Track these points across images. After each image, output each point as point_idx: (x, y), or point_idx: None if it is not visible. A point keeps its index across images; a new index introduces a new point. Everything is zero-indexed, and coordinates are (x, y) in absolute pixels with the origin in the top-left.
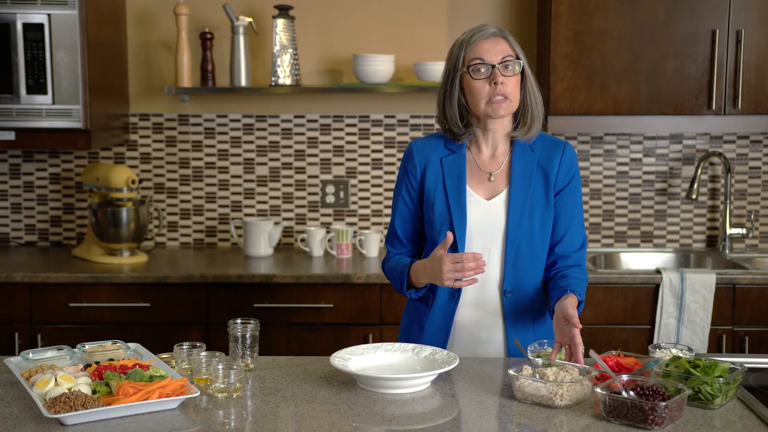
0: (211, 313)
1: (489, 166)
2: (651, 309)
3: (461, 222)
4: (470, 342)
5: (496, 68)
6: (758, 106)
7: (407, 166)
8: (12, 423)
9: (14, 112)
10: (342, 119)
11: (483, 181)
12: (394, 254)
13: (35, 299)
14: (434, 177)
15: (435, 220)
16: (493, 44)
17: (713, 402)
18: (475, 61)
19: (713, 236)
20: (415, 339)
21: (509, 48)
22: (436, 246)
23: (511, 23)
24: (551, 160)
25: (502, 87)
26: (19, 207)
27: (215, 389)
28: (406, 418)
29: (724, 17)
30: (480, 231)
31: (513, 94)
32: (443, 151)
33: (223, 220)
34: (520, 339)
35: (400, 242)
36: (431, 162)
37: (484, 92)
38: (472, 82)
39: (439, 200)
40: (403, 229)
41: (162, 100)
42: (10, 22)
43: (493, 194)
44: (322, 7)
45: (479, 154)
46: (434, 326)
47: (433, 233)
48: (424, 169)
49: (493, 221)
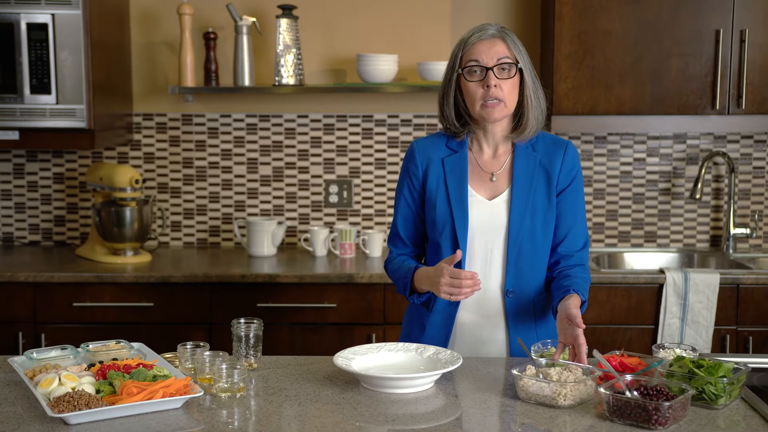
0: (215, 312)
1: (491, 166)
2: (654, 309)
3: (463, 222)
4: (472, 342)
5: (491, 71)
6: (762, 106)
7: (409, 166)
8: (16, 422)
9: (18, 111)
10: (345, 119)
11: (485, 181)
12: (397, 255)
13: (39, 299)
14: (436, 177)
15: (437, 220)
16: (490, 46)
17: (717, 402)
18: (470, 62)
19: (717, 236)
20: (417, 339)
21: (507, 50)
22: (438, 247)
23: (514, 23)
24: (553, 160)
25: (495, 90)
26: (23, 207)
27: (219, 389)
28: (410, 417)
29: (728, 17)
30: (482, 231)
31: (508, 97)
32: (445, 150)
33: (226, 219)
34: (523, 339)
35: (402, 243)
36: (433, 162)
37: (478, 94)
38: (467, 83)
39: (440, 200)
40: (405, 229)
41: (165, 99)
42: (14, 22)
43: (494, 194)
44: (326, 6)
45: (481, 154)
46: (435, 327)
47: (435, 234)
48: (426, 169)
49: (494, 221)
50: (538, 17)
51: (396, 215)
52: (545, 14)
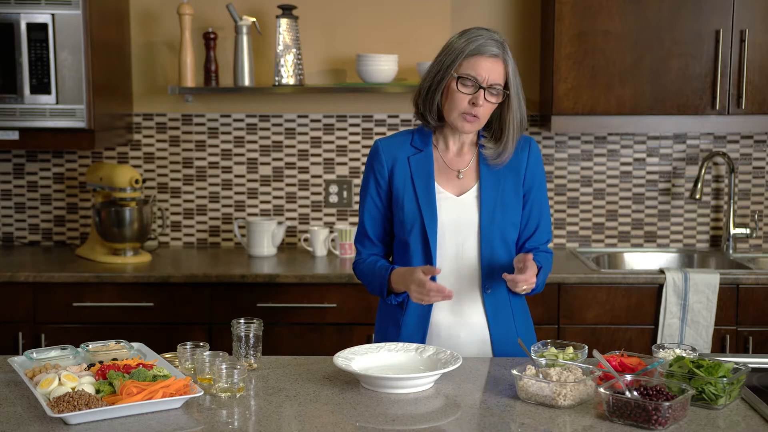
0: (215, 312)
1: (456, 164)
2: (654, 309)
3: (432, 219)
4: (450, 343)
5: (483, 90)
6: (762, 106)
7: (374, 165)
8: (16, 422)
9: (18, 111)
10: (345, 119)
11: (452, 179)
12: (367, 255)
13: (39, 299)
14: (402, 176)
15: (405, 219)
16: (491, 66)
17: (717, 402)
18: (467, 75)
19: (717, 236)
20: (393, 339)
21: (502, 75)
22: (407, 246)
23: (514, 23)
24: (519, 157)
25: (478, 109)
26: (23, 207)
27: (219, 389)
28: (410, 417)
29: (728, 17)
30: (452, 228)
31: (485, 115)
32: (410, 149)
33: (226, 219)
34: (503, 336)
35: (371, 242)
36: (398, 161)
37: (461, 106)
38: (455, 91)
39: (408, 199)
40: (373, 229)
41: (165, 99)
42: (14, 22)
43: (462, 191)
44: (326, 6)
45: (446, 152)
46: (410, 327)
47: (403, 232)
48: (392, 168)
49: (465, 218)
50: (538, 17)
51: (363, 215)
52: (545, 14)
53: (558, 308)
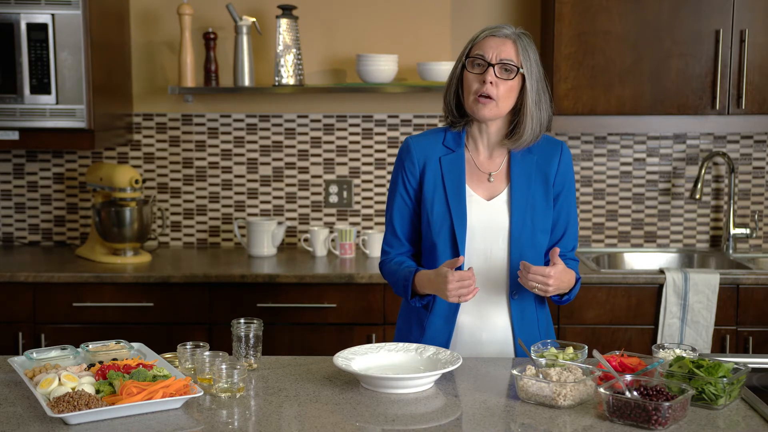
0: (215, 312)
1: (487, 167)
2: (654, 309)
3: (461, 222)
4: (472, 343)
5: (492, 67)
6: (762, 106)
7: (405, 163)
8: (16, 422)
9: (18, 112)
10: (345, 119)
11: (482, 182)
12: (394, 255)
13: (39, 299)
14: (433, 176)
15: (434, 220)
16: (498, 44)
17: (717, 402)
18: (475, 55)
19: (717, 236)
20: (416, 340)
21: (514, 53)
22: (434, 247)
23: (514, 23)
24: (550, 161)
25: (489, 87)
26: (23, 207)
27: (219, 389)
28: (410, 418)
29: (728, 17)
30: (481, 231)
31: (502, 98)
32: (442, 149)
33: (226, 219)
34: (527, 339)
35: (399, 242)
36: (430, 160)
37: (473, 87)
38: (467, 74)
39: (438, 200)
40: (402, 227)
41: (165, 100)
42: (14, 22)
43: (492, 195)
44: (326, 6)
45: (477, 154)
46: (436, 329)
47: (431, 233)
48: (423, 168)
49: (495, 222)
50: (538, 17)
51: (392, 213)
52: (545, 14)
53: (558, 308)
